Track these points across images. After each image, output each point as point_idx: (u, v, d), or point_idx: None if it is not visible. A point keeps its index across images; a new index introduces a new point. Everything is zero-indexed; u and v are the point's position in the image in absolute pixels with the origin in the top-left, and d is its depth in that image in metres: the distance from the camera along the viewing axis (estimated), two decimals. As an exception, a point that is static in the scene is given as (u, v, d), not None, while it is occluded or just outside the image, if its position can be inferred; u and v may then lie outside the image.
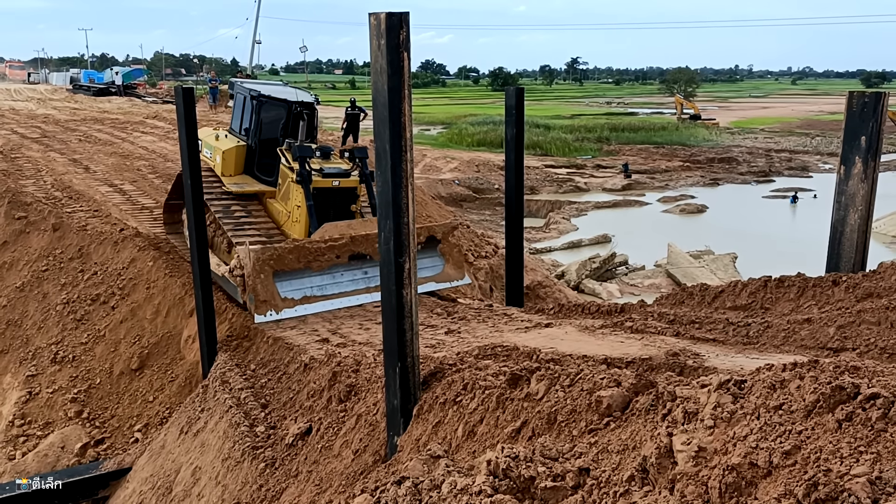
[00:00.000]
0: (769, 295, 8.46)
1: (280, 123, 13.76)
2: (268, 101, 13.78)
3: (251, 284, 11.15)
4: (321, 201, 12.72)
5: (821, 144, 70.02)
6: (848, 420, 2.65)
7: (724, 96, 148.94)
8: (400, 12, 5.40)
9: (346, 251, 12.05)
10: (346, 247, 12.02)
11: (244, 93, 14.32)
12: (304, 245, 11.65)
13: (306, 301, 11.41)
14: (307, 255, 11.63)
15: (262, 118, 13.79)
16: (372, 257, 12.04)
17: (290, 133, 13.68)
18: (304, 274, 11.55)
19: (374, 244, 11.60)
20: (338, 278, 12.03)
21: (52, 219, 15.49)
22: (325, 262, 11.75)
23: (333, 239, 11.96)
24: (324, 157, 13.44)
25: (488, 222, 37.15)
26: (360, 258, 12.22)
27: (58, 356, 12.77)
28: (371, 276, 12.01)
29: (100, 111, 40.34)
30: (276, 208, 13.43)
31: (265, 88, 14.43)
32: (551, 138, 64.14)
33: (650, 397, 3.89)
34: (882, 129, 8.21)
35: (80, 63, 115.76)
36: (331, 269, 11.88)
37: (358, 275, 12.21)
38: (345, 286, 12.06)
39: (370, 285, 12.00)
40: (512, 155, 11.80)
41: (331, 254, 11.83)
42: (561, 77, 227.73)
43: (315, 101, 14.36)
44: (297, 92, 14.72)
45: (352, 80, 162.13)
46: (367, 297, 12.01)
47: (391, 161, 5.62)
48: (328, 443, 7.12)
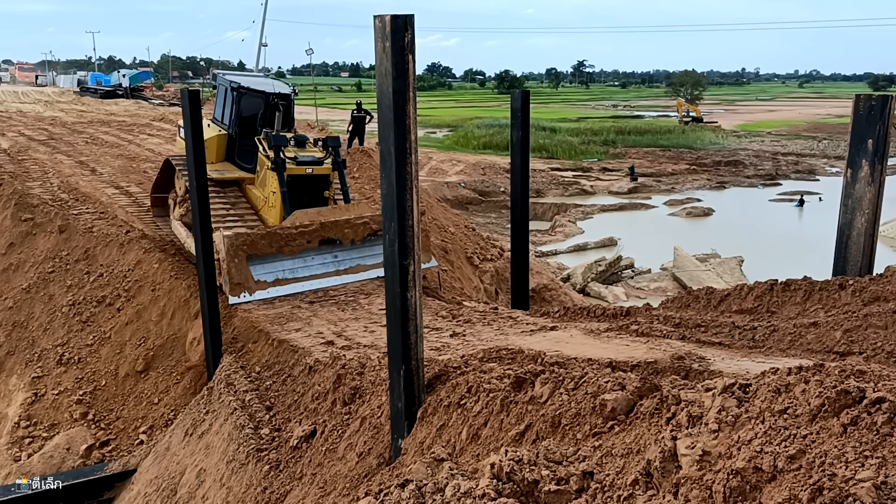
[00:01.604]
0: (775, 298, 8.42)
1: (258, 113, 14.45)
2: (247, 92, 14.47)
3: (226, 268, 11.83)
4: (295, 188, 13.45)
5: (828, 148, 69.81)
6: (853, 424, 2.63)
7: (731, 99, 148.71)
8: (405, 15, 5.40)
9: (317, 237, 12.77)
10: (316, 232, 12.74)
11: (225, 84, 15.00)
12: (275, 231, 12.38)
13: (278, 283, 12.11)
14: (279, 240, 12.32)
15: (242, 108, 14.47)
16: (341, 242, 12.98)
17: (268, 123, 14.40)
18: (277, 258, 12.22)
19: (344, 230, 13.00)
20: (308, 262, 12.74)
21: (58, 221, 15.54)
22: (297, 246, 12.48)
23: (304, 225, 12.67)
24: (299, 146, 14.17)
25: (494, 225, 37.13)
26: (330, 243, 12.96)
27: (63, 358, 12.80)
28: (341, 261, 12.90)
29: (106, 113, 40.51)
30: (254, 194, 14.19)
31: (245, 80, 15.14)
32: (557, 141, 64.11)
33: (654, 401, 3.87)
34: (889, 132, 8.17)
35: (88, 66, 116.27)
36: (302, 254, 12.59)
37: (328, 259, 12.94)
38: (315, 269, 12.76)
39: (339, 268, 12.87)
40: (518, 158, 11.79)
41: (301, 239, 12.55)
42: (567, 80, 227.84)
43: (292, 93, 15.06)
44: (275, 83, 15.48)
45: (358, 83, 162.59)
46: (337, 279, 12.81)
47: (396, 163, 5.61)
48: (332, 445, 7.12)
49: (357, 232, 13.25)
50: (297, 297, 12.34)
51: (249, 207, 14.22)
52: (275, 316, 11.35)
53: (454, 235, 19.93)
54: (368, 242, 13.35)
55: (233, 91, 14.58)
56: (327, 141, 14.62)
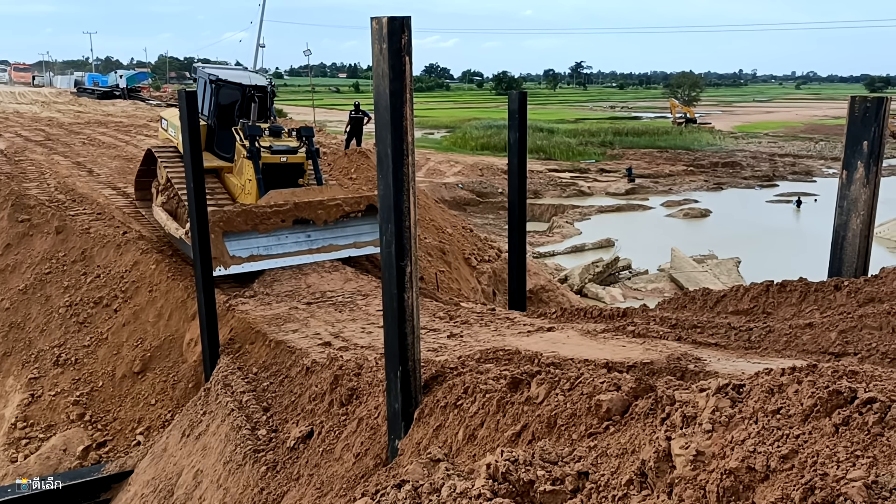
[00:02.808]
0: (771, 300, 8.44)
1: (235, 105, 14.97)
2: (224, 85, 15.05)
3: None
4: (271, 175, 13.98)
5: (825, 149, 69.90)
6: (845, 424, 2.64)
7: (729, 101, 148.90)
8: (401, 17, 5.41)
9: (291, 216, 13.31)
10: (290, 212, 13.29)
11: (204, 77, 15.50)
12: (251, 209, 12.82)
13: (253, 259, 12.59)
14: (254, 218, 12.84)
15: (220, 100, 14.99)
16: (315, 222, 13.57)
17: (245, 114, 14.97)
18: (252, 235, 12.70)
19: (317, 210, 13.63)
20: (282, 240, 13.28)
21: (55, 222, 15.53)
22: (271, 225, 13.01)
23: (279, 205, 13.20)
24: (274, 136, 14.79)
25: (492, 226, 37.15)
26: (304, 223, 13.52)
27: (60, 359, 12.79)
28: (314, 240, 13.49)
29: (104, 114, 40.47)
30: (232, 182, 14.70)
31: (222, 73, 15.74)
32: (555, 142, 64.15)
33: (649, 401, 3.89)
34: (884, 133, 8.20)
35: (85, 66, 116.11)
36: (276, 232, 13.10)
37: (301, 238, 13.49)
38: (289, 247, 13.32)
39: (312, 247, 13.46)
40: (515, 159, 11.80)
41: (276, 218, 13.08)
42: (565, 81, 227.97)
43: (269, 84, 15.67)
44: (252, 76, 16.24)
45: (356, 84, 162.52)
46: (310, 257, 13.47)
47: (393, 165, 5.62)
48: (329, 446, 7.12)
49: (330, 213, 13.75)
50: (295, 298, 12.36)
51: (227, 195, 14.74)
52: (272, 317, 11.35)
53: (452, 236, 19.94)
54: (341, 223, 13.90)
55: (211, 83, 15.07)
56: (301, 131, 15.32)
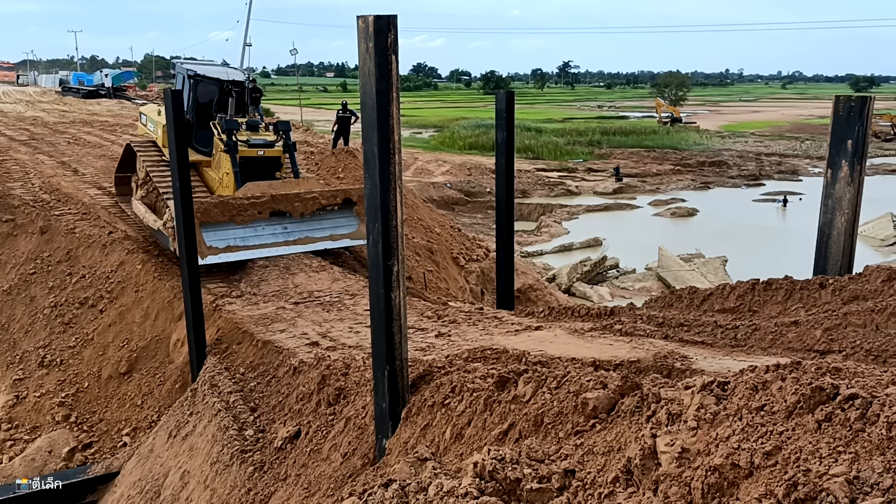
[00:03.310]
0: (757, 298, 8.49)
1: (213, 100, 15.23)
2: (202, 80, 15.28)
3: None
4: (248, 169, 14.24)
5: (810, 148, 70.43)
6: (827, 420, 2.66)
7: (715, 100, 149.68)
8: (388, 15, 5.40)
9: (267, 208, 13.49)
10: (266, 204, 13.47)
11: (182, 72, 15.74)
12: (228, 201, 13.01)
13: (229, 250, 12.75)
14: (231, 210, 13.01)
15: (198, 95, 15.22)
16: (291, 214, 13.76)
17: (223, 108, 15.21)
18: (229, 226, 12.86)
19: (293, 203, 13.80)
20: (259, 232, 13.46)
21: (39, 222, 15.41)
22: (248, 216, 13.21)
23: (255, 197, 13.41)
24: (252, 130, 15.02)
25: (480, 226, 37.17)
26: (281, 215, 13.71)
27: (45, 360, 12.69)
28: (290, 232, 13.69)
29: (89, 113, 40.16)
30: (210, 176, 14.93)
31: (201, 68, 15.92)
32: (543, 142, 64.26)
33: (635, 399, 3.90)
34: (868, 133, 8.26)
35: (70, 65, 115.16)
36: (253, 224, 13.28)
37: (278, 230, 13.66)
38: (265, 239, 13.50)
39: (289, 239, 13.66)
40: (503, 158, 11.80)
41: (253, 210, 13.27)
42: (553, 81, 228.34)
43: (246, 79, 15.96)
44: (229, 71, 16.50)
45: (343, 83, 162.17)
46: (286, 249, 13.70)
47: (379, 164, 5.61)
48: (317, 446, 7.11)
49: (307, 206, 13.95)
50: (282, 298, 12.33)
51: (205, 189, 14.95)
52: (259, 317, 11.31)
53: (440, 236, 19.94)
54: (317, 216, 14.11)
55: (189, 79, 15.29)
56: (278, 125, 15.66)
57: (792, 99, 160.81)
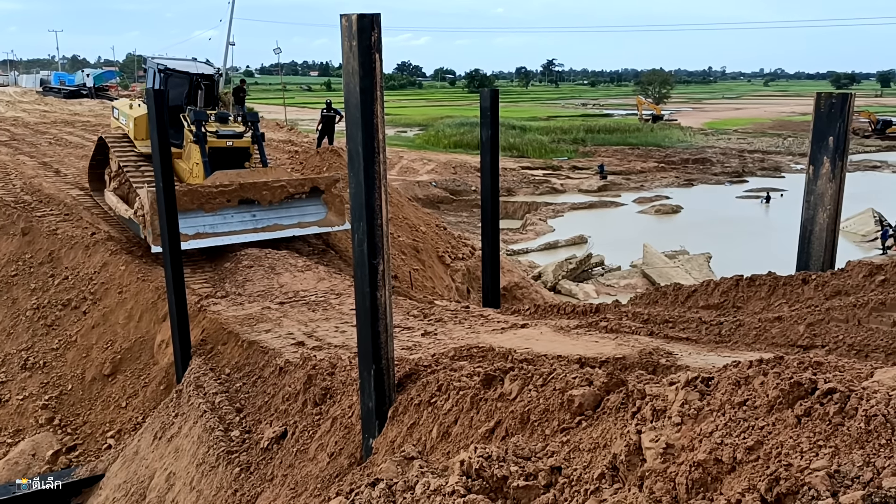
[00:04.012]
0: (741, 294, 8.55)
1: (183, 93, 15.66)
2: (172, 74, 15.69)
3: (150, 221, 13.06)
4: (217, 159, 14.67)
5: (793, 145, 71.02)
6: (807, 415, 2.69)
7: (698, 98, 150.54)
8: (371, 14, 5.39)
9: (236, 196, 14.01)
10: (235, 192, 13.99)
11: (153, 67, 16.19)
12: (196, 189, 13.33)
13: (199, 237, 13.12)
14: (200, 197, 13.40)
15: (169, 88, 15.45)
16: (260, 202, 14.30)
17: (193, 101, 15.66)
18: (198, 214, 13.24)
19: (262, 191, 14.35)
20: (228, 219, 13.98)
21: (21, 223, 15.26)
22: (217, 204, 13.68)
23: (224, 185, 13.85)
24: (221, 122, 15.50)
25: (465, 224, 37.20)
26: (249, 203, 14.22)
27: (28, 362, 12.58)
28: (259, 219, 14.26)
29: (70, 114, 39.80)
30: (181, 167, 15.21)
31: (171, 63, 16.45)
32: (527, 140, 64.42)
33: (620, 396, 3.92)
34: (849, 129, 8.33)
35: (51, 65, 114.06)
36: (222, 212, 13.73)
37: (247, 217, 14.22)
38: (234, 226, 14.05)
39: (257, 226, 14.24)
40: (487, 157, 11.81)
41: (222, 198, 13.72)
42: (537, 79, 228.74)
43: (216, 73, 16.63)
44: (199, 65, 16.94)
45: (327, 82, 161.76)
46: (255, 236, 14.20)
47: (364, 163, 5.60)
48: (303, 446, 7.09)
49: (275, 194, 14.44)
50: (267, 298, 12.27)
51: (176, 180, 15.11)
52: (244, 317, 11.26)
53: (425, 234, 19.94)
54: (285, 204, 14.61)
55: (160, 73, 15.66)
56: (247, 116, 16.29)
57: (774, 96, 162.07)
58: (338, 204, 15.45)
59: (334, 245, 16.36)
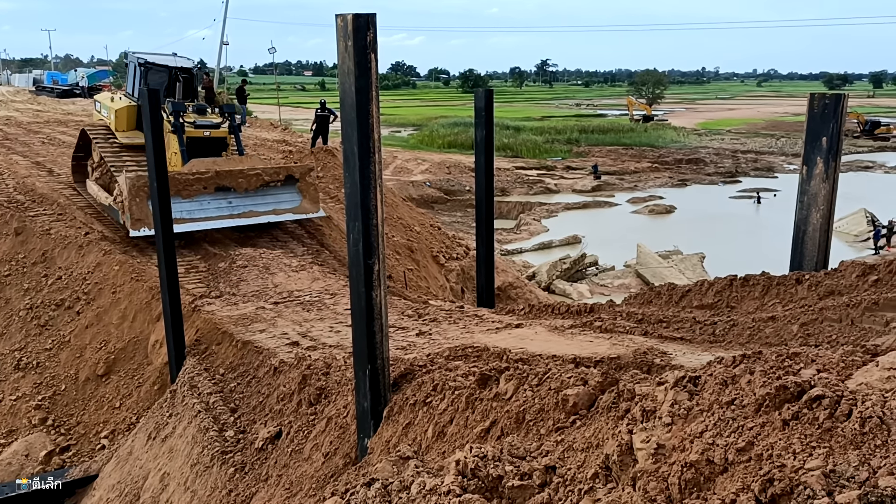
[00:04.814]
0: (735, 294, 8.58)
1: (163, 85, 16.06)
2: (152, 67, 16.32)
3: (128, 206, 13.68)
4: (195, 149, 15.16)
5: (786, 145, 71.26)
6: (795, 419, 2.70)
7: (692, 98, 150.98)
8: (367, 14, 5.39)
9: (212, 183, 14.51)
10: (211, 179, 14.49)
11: (133, 61, 16.80)
12: (173, 175, 13.41)
13: (176, 223, 13.12)
14: (177, 184, 13.62)
15: (149, 81, 16.04)
16: (235, 190, 14.80)
17: (171, 93, 16.17)
18: (175, 200, 13.23)
19: (237, 178, 14.89)
20: (205, 206, 14.44)
21: (14, 223, 15.19)
22: (194, 191, 14.11)
23: (200, 173, 14.30)
24: (199, 113, 16.05)
25: (459, 224, 37.21)
26: (225, 190, 14.71)
27: (21, 363, 12.53)
28: (235, 206, 14.78)
29: (63, 113, 39.58)
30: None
31: (150, 57, 16.91)
32: (521, 140, 64.50)
33: (612, 395, 3.93)
34: (842, 130, 8.37)
35: (44, 64, 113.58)
36: (199, 198, 14.11)
37: (223, 204, 14.70)
38: (211, 212, 14.51)
39: (233, 213, 14.74)
40: (482, 157, 11.83)
41: (198, 185, 14.15)
42: (531, 79, 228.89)
43: (194, 67, 17.14)
44: (177, 59, 17.38)
45: (321, 82, 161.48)
46: (231, 222, 14.73)
47: (359, 163, 5.60)
48: (298, 446, 7.08)
49: (250, 182, 14.94)
50: (262, 298, 12.25)
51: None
52: (239, 317, 11.24)
53: (420, 234, 19.93)
54: (261, 191, 15.11)
55: (140, 66, 16.25)
56: (224, 108, 16.86)
57: (767, 97, 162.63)
58: (312, 192, 15.96)
59: (329, 245, 16.35)
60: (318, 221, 17.26)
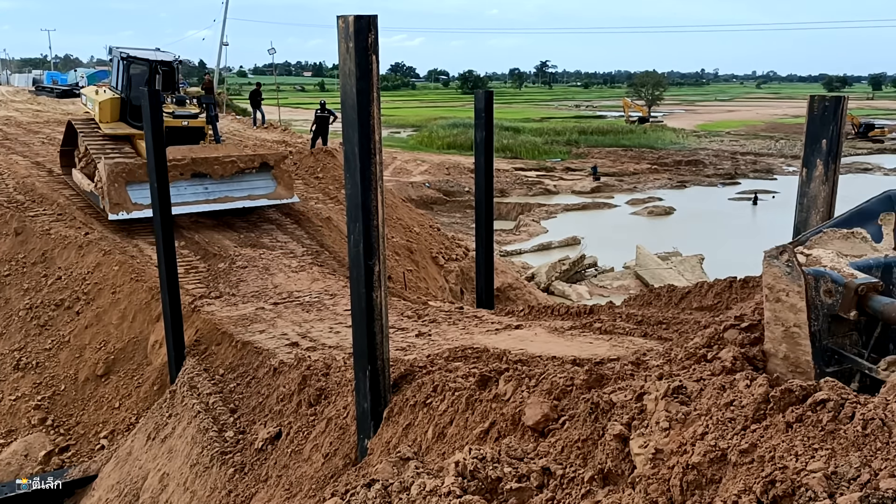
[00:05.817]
0: (734, 295, 8.58)
1: (144, 78, 16.94)
2: (134, 61, 17.11)
3: (107, 191, 14.42)
4: (174, 138, 15.54)
5: (785, 147, 71.27)
6: (799, 421, 2.71)
7: (691, 100, 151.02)
8: (368, 15, 5.40)
9: (189, 169, 15.23)
10: (188, 166, 15.23)
11: (117, 55, 17.57)
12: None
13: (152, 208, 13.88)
14: None
15: (131, 74, 17.02)
16: (211, 176, 15.51)
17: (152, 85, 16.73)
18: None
19: (213, 165, 15.64)
20: (182, 191, 14.90)
21: (14, 223, 15.19)
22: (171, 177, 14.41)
23: (177, 159, 14.82)
24: (179, 104, 16.97)
25: (459, 225, 37.21)
26: (202, 176, 15.41)
27: (21, 363, 12.52)
28: (210, 192, 15.50)
29: (63, 113, 39.51)
30: (142, 146, 15.79)
31: (133, 51, 17.73)
32: (521, 141, 64.46)
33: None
34: (842, 132, 8.37)
35: (43, 64, 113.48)
36: (176, 184, 14.20)
37: (199, 189, 15.41)
38: (187, 197, 15.09)
39: (209, 198, 15.45)
40: (482, 158, 11.83)
41: (175, 171, 14.37)
42: (530, 80, 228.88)
43: (175, 61, 17.87)
44: (158, 53, 18.36)
45: (321, 83, 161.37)
46: (207, 206, 15.41)
47: (360, 164, 5.61)
48: (298, 447, 7.08)
49: (226, 168, 15.60)
50: (261, 298, 12.26)
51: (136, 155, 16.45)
52: (238, 317, 11.25)
53: (419, 235, 19.94)
54: (236, 178, 15.77)
55: (122, 60, 17.06)
56: (202, 99, 18.02)
57: (766, 98, 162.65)
58: (286, 179, 16.66)
59: (328, 246, 16.37)
60: (318, 222, 17.29)
